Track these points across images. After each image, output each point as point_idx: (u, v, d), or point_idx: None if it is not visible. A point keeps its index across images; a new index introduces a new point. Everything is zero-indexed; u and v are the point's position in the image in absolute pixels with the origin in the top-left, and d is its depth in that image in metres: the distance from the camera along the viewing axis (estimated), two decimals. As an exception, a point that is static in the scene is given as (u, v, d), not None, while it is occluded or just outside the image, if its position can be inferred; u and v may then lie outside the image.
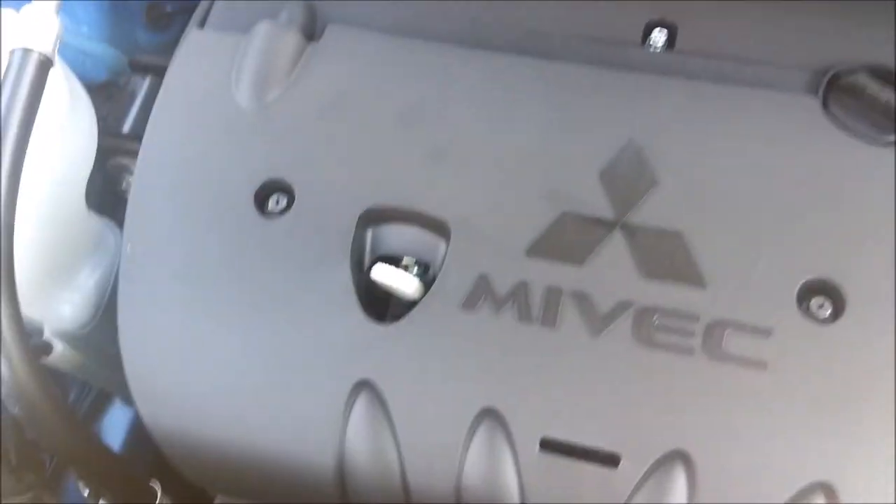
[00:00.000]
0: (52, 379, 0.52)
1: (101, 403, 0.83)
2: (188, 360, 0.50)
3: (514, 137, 0.52)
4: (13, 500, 0.69)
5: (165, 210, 0.53)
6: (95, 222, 0.68)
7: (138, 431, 0.86)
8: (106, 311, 0.67)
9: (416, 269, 0.51)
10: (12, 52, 0.53)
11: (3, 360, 0.48)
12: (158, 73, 0.78)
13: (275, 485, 0.50)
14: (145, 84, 0.75)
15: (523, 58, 0.55)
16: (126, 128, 0.74)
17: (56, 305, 0.63)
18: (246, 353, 0.49)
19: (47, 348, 0.64)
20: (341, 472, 0.48)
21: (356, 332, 0.49)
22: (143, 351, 0.51)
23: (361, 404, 0.48)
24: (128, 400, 0.84)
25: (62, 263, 0.64)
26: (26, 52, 0.53)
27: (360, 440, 0.48)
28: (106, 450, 0.56)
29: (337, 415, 0.48)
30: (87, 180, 0.66)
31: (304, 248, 0.51)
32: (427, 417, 0.47)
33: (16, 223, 0.50)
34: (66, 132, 0.62)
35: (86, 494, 0.69)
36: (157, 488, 0.62)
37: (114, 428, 0.84)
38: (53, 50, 0.55)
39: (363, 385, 0.48)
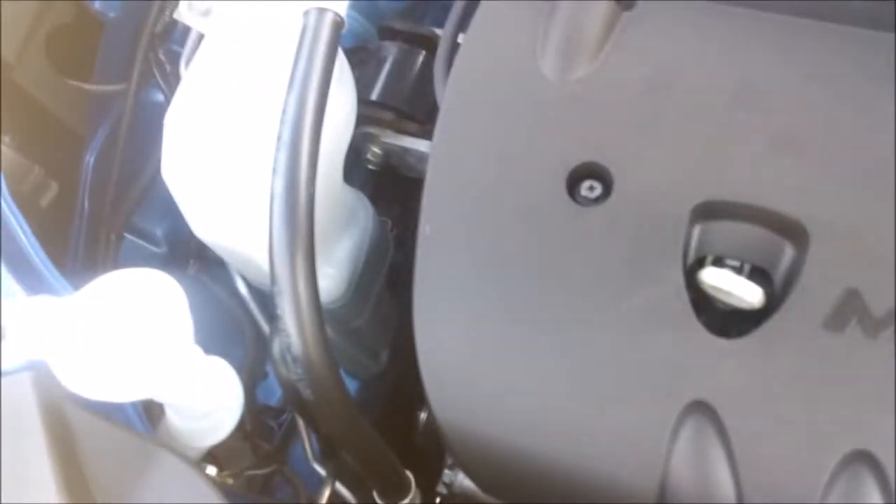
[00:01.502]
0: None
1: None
2: (491, 358, 0.46)
3: (876, 122, 0.44)
4: (256, 472, 0.70)
5: (466, 190, 0.48)
6: (350, 195, 0.66)
7: (359, 403, 0.86)
8: (357, 284, 0.66)
9: (751, 274, 0.44)
10: (307, 13, 0.50)
11: (298, 342, 0.46)
12: (408, 39, 0.75)
13: (575, 501, 0.46)
14: (395, 50, 0.72)
15: (877, 31, 0.46)
16: (374, 95, 0.72)
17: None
18: (558, 358, 0.44)
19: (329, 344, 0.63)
20: (661, 500, 0.43)
21: (691, 344, 0.42)
22: (440, 341, 0.47)
23: (693, 427, 0.42)
24: (353, 372, 0.84)
25: (323, 236, 0.62)
26: (321, 11, 0.50)
27: (689, 467, 0.42)
28: (378, 439, 0.53)
29: (663, 437, 0.42)
30: (345, 152, 0.63)
31: (626, 243, 0.45)
32: (779, 453, 0.40)
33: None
34: (333, 99, 0.59)
35: (321, 471, 0.68)
36: (411, 479, 0.60)
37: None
38: (344, 10, 0.52)
39: (697, 406, 0.42)
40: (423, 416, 0.80)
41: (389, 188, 0.77)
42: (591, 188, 0.47)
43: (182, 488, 0.45)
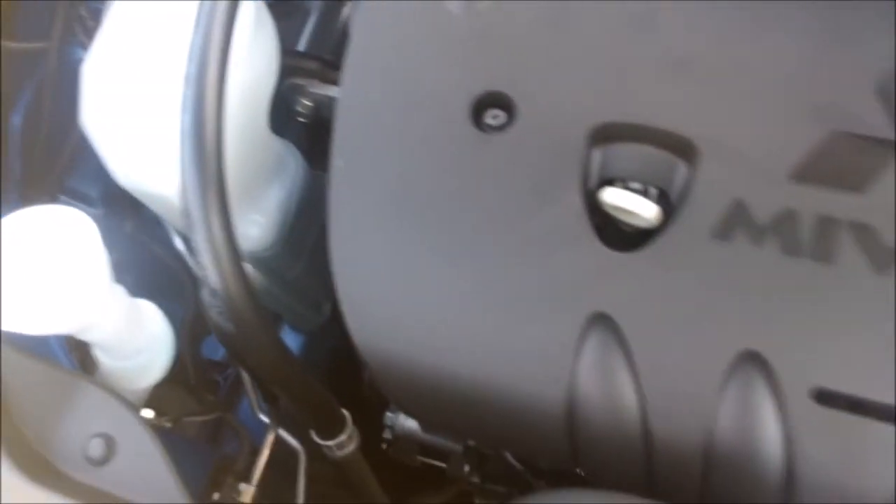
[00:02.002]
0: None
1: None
2: (405, 283, 0.47)
3: (770, 45, 0.46)
4: (197, 419, 0.71)
5: (376, 123, 0.49)
6: (277, 144, 0.67)
7: (306, 356, 0.87)
8: (288, 232, 0.66)
9: (649, 193, 0.46)
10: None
11: (216, 275, 0.47)
12: (333, -10, 0.75)
13: (492, 417, 0.47)
14: (319, 3, 0.72)
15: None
16: (300, 46, 0.72)
17: (244, 227, 0.62)
18: (467, 280, 0.46)
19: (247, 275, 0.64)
20: (570, 409, 0.45)
21: (591, 260, 0.44)
22: (356, 271, 0.48)
23: (596, 339, 0.44)
24: (296, 325, 0.85)
25: (250, 185, 0.63)
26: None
27: (594, 377, 0.44)
28: (307, 376, 0.55)
29: (568, 349, 0.44)
30: (270, 101, 0.64)
31: (529, 168, 0.46)
32: (675, 358, 0.42)
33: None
34: (251, 50, 0.60)
35: (265, 418, 0.69)
36: (347, 416, 0.61)
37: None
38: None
39: (599, 318, 0.44)
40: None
41: (326, 143, 0.78)
42: (495, 116, 0.48)
43: (106, 417, 0.47)
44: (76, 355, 0.54)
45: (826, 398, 0.40)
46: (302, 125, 0.75)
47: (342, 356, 0.89)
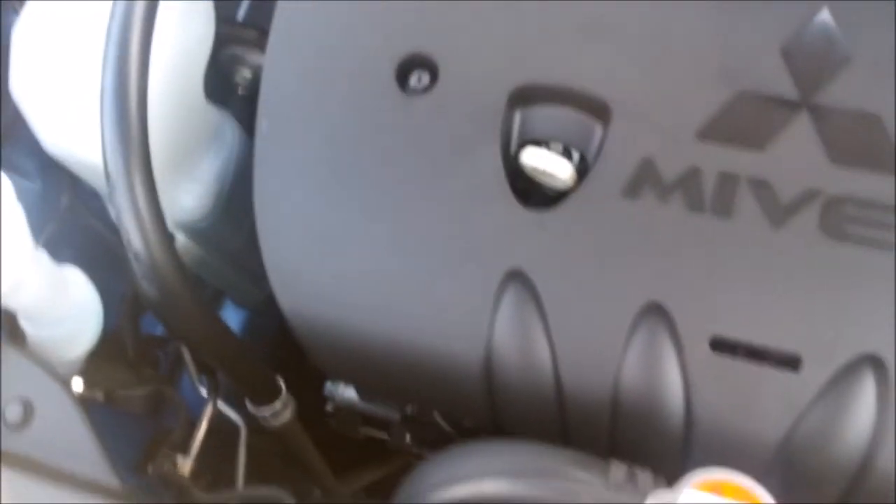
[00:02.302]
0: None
1: (213, 304, 0.83)
2: (328, 245, 0.48)
3: (678, 8, 0.47)
4: (133, 392, 0.70)
5: (301, 85, 0.50)
6: (213, 113, 0.67)
7: (251, 333, 0.87)
8: (226, 203, 0.66)
9: (567, 154, 0.47)
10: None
11: (138, 238, 0.47)
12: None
13: (415, 378, 0.48)
14: (259, -29, 0.72)
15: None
16: (240, 15, 0.72)
17: (177, 195, 0.62)
18: (389, 239, 0.47)
19: (171, 238, 0.64)
20: (488, 366, 0.46)
21: (507, 219, 0.45)
22: (279, 233, 0.49)
23: (511, 296, 0.45)
24: (239, 301, 0.85)
25: (183, 154, 0.63)
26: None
27: (510, 334, 0.45)
28: (236, 340, 0.55)
29: (485, 306, 0.45)
30: (204, 70, 0.64)
31: (450, 129, 0.47)
32: (584, 312, 0.44)
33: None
34: (183, 18, 0.60)
35: (204, 392, 0.69)
36: (281, 383, 0.61)
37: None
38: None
39: (514, 275, 0.45)
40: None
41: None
42: (420, 78, 0.49)
43: (25, 382, 0.46)
44: (5, 325, 0.54)
45: (722, 346, 0.42)
46: (242, 97, 0.75)
47: (288, 331, 0.90)
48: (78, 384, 0.60)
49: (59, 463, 0.44)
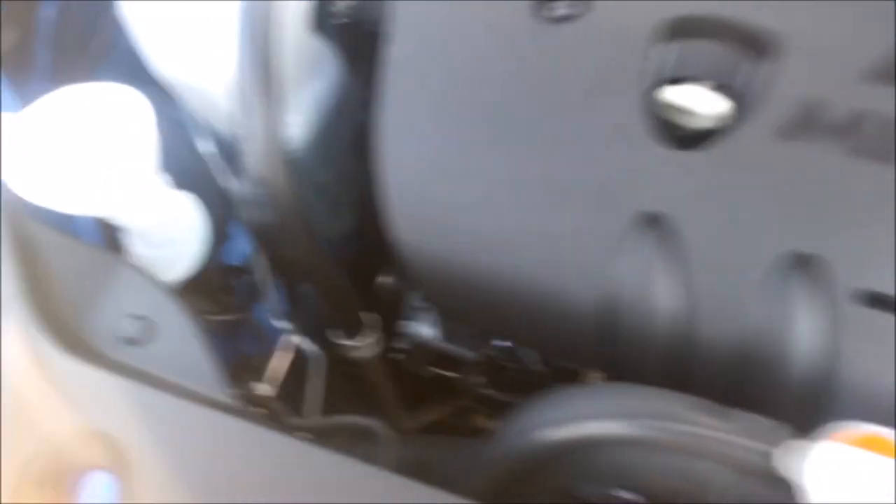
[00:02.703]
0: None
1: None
2: (453, 178, 0.46)
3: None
4: (215, 317, 0.70)
5: (432, 8, 0.47)
6: (314, 42, 0.65)
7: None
8: (322, 135, 0.65)
9: (720, 92, 0.45)
10: None
11: (264, 163, 0.46)
12: None
13: (531, 315, 0.47)
14: None
15: None
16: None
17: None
18: (516, 174, 0.45)
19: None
20: (610, 306, 0.44)
21: (647, 158, 0.43)
22: (403, 164, 0.47)
23: (646, 238, 0.43)
24: (325, 232, 0.84)
25: (286, 80, 0.61)
26: None
27: (640, 275, 0.43)
28: (339, 271, 0.54)
29: (615, 246, 0.43)
30: (308, -3, 0.62)
31: (592, 61, 0.45)
32: (727, 259, 0.42)
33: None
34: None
35: (282, 324, 0.69)
36: (375, 319, 0.61)
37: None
38: None
39: (650, 217, 0.43)
40: (383, 280, 0.81)
41: (360, 47, 0.76)
42: (569, 5, 0.46)
43: (141, 298, 0.46)
44: (105, 236, 0.53)
45: (875, 301, 0.40)
46: (337, 28, 0.73)
47: (359, 265, 0.89)
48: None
49: (179, 378, 0.44)
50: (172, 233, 0.51)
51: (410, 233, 0.48)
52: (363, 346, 0.59)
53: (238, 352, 0.69)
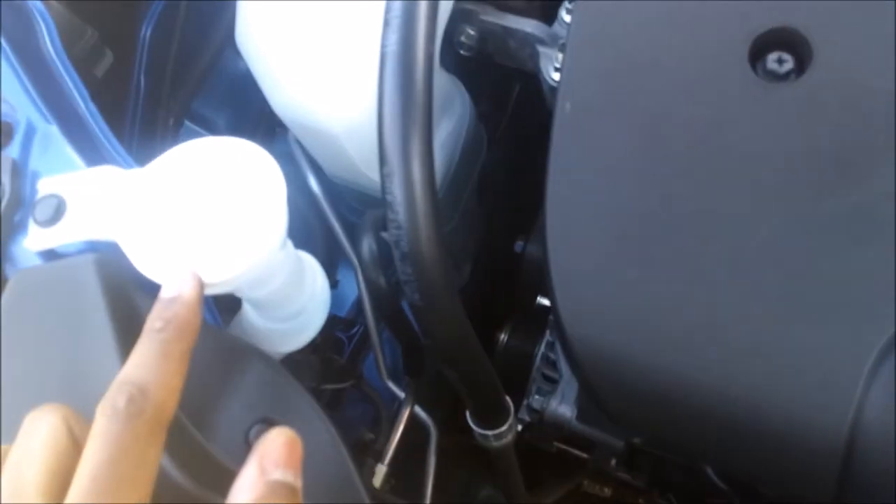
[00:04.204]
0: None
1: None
2: (640, 265, 0.38)
3: None
4: (330, 386, 0.64)
5: (616, 56, 0.39)
6: (444, 78, 0.57)
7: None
8: (450, 181, 0.58)
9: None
10: None
11: (412, 229, 0.38)
12: None
13: (739, 443, 0.38)
14: None
15: None
16: (476, -37, 0.62)
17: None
18: (729, 268, 0.36)
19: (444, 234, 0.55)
20: (850, 442, 0.35)
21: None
22: (576, 244, 0.39)
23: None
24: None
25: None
26: None
27: (892, 410, 0.34)
28: (484, 354, 0.46)
29: (860, 370, 0.34)
30: (444, 28, 0.54)
31: (825, 131, 0.36)
32: None
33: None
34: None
35: (401, 393, 0.61)
36: (510, 404, 0.53)
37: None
38: None
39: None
40: (503, 337, 0.73)
41: (481, 80, 0.68)
42: (781, 61, 0.37)
43: (270, 392, 0.39)
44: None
45: None
46: (460, 59, 0.66)
47: (476, 322, 0.82)
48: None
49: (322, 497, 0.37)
50: (299, 303, 0.45)
51: (580, 327, 0.39)
52: (498, 435, 0.51)
53: (352, 423, 0.62)
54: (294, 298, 0.43)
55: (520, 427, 0.65)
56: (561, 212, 0.39)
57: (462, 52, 0.64)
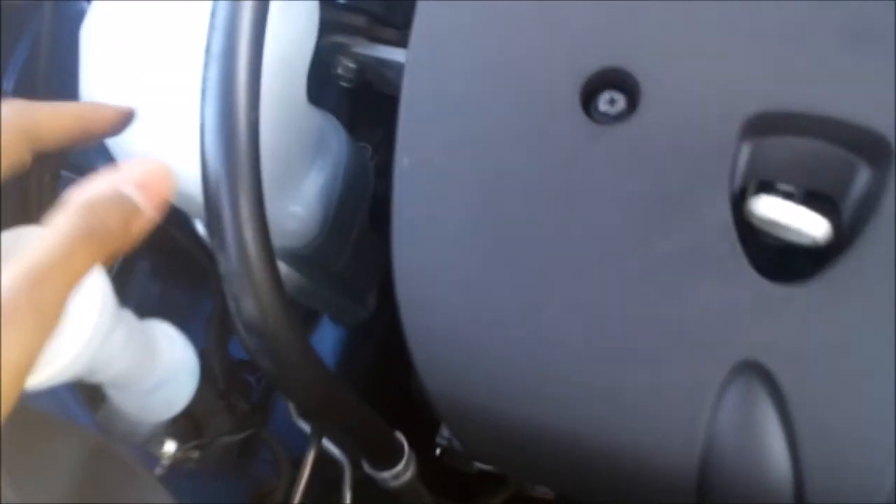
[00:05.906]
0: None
1: (308, 322, 0.74)
2: (490, 315, 0.37)
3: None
4: (227, 439, 0.62)
5: (454, 108, 0.38)
6: (317, 116, 0.56)
7: (347, 352, 0.78)
8: (332, 223, 0.56)
9: (811, 202, 0.36)
10: None
11: (252, 298, 0.37)
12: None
13: (599, 479, 0.38)
14: (365, -58, 0.60)
15: None
16: (344, -3, 0.60)
17: (281, 221, 0.52)
18: (574, 313, 0.36)
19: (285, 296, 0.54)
20: (701, 477, 0.35)
21: (741, 292, 0.34)
22: (426, 297, 0.38)
23: (741, 393, 0.34)
24: (340, 319, 0.76)
25: (285, 170, 0.53)
26: None
27: (737, 440, 0.34)
28: (356, 399, 0.45)
29: (705, 404, 0.34)
30: (308, 66, 0.53)
31: (658, 170, 0.36)
32: (846, 418, 0.33)
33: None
34: (288, 2, 0.49)
35: (305, 428, 0.61)
36: (404, 441, 0.53)
37: (322, 346, 0.76)
38: None
39: (746, 367, 0.34)
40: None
41: (368, 109, 0.67)
42: (612, 101, 0.37)
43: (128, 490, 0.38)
44: (82, 393, 0.45)
45: None
46: (342, 90, 0.64)
47: (388, 350, 0.81)
48: (171, 447, 0.52)
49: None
50: (157, 375, 0.43)
51: (436, 379, 0.39)
52: (395, 476, 0.51)
53: (254, 474, 0.61)
54: (149, 372, 0.42)
55: (438, 451, 0.65)
56: (409, 270, 0.39)
57: (342, 83, 0.63)
